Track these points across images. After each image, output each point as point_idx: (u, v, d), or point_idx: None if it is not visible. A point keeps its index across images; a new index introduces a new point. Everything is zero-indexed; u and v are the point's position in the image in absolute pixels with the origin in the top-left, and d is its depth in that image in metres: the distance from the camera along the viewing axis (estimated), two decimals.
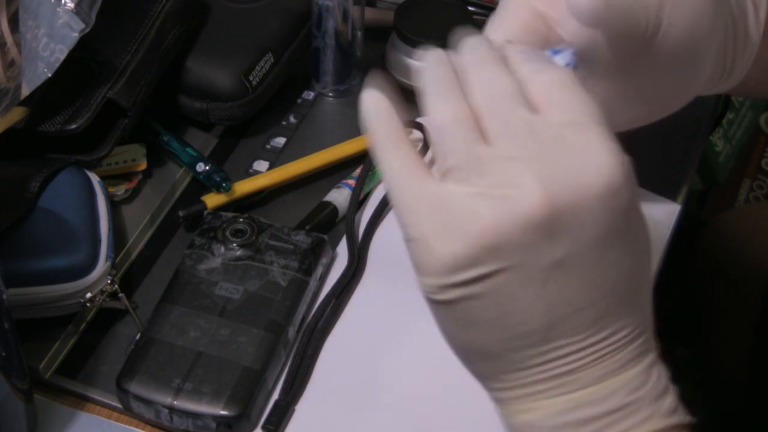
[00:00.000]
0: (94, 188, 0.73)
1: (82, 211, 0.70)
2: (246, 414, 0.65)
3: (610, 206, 0.46)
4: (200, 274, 0.70)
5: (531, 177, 0.45)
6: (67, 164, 0.73)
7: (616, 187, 0.45)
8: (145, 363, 0.66)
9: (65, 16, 0.70)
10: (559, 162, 0.45)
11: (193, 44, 0.83)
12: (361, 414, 0.67)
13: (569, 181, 0.45)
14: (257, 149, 0.83)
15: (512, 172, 0.46)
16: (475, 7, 0.90)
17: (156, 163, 0.80)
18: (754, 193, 1.61)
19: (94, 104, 0.73)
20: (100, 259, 0.69)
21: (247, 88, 0.81)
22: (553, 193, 0.45)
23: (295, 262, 0.71)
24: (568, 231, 0.46)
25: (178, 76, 0.81)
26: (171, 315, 0.68)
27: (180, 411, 0.64)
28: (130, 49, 0.76)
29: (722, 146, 1.41)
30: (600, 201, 0.45)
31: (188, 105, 0.82)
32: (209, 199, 0.77)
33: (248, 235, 0.72)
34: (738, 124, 1.46)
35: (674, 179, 0.82)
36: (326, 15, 0.83)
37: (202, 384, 0.65)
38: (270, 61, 0.83)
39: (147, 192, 0.79)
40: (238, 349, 0.67)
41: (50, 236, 0.69)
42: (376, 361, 0.69)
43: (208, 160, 0.79)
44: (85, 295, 0.68)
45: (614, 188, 0.45)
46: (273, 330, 0.68)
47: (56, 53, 0.70)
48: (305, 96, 0.88)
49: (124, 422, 0.67)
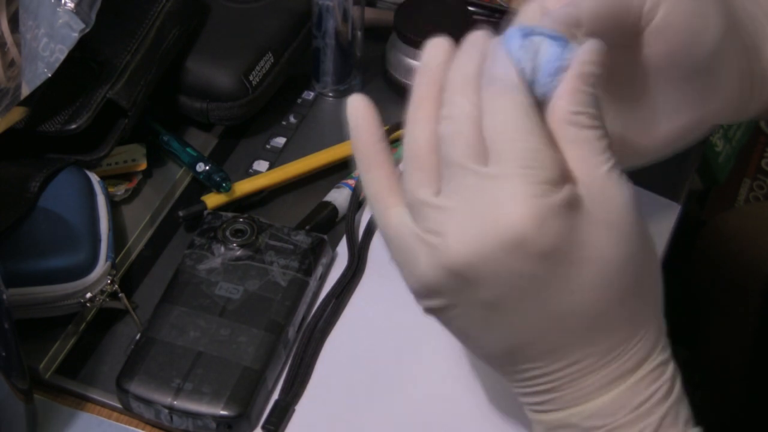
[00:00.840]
0: (94, 188, 0.73)
1: (82, 211, 0.70)
2: (246, 414, 0.65)
3: (520, 254, 0.48)
4: (200, 274, 0.70)
5: (454, 226, 0.49)
6: (67, 164, 0.73)
7: (521, 237, 0.47)
8: (145, 363, 0.66)
9: (65, 16, 0.70)
10: (480, 213, 0.48)
11: (193, 44, 0.83)
12: (361, 414, 0.67)
13: (483, 232, 0.48)
14: (257, 149, 0.83)
15: (441, 219, 0.49)
16: (475, 7, 0.90)
17: (156, 163, 0.80)
18: (754, 193, 1.61)
19: (94, 104, 0.73)
20: (100, 259, 0.69)
21: (247, 88, 0.81)
22: (468, 243, 0.48)
23: (295, 262, 0.71)
24: (485, 277, 0.48)
25: (178, 76, 0.81)
26: (171, 315, 0.68)
27: (180, 411, 0.64)
28: (130, 49, 0.76)
29: (722, 146, 1.41)
30: (506, 251, 0.48)
31: (188, 105, 0.82)
32: (209, 199, 0.77)
33: (248, 235, 0.72)
34: (738, 124, 1.46)
35: (674, 179, 0.82)
36: (326, 15, 0.83)
37: (202, 384, 0.65)
38: (270, 61, 0.83)
39: (147, 192, 0.79)
40: (238, 349, 0.67)
41: (50, 236, 0.69)
42: (376, 361, 0.69)
43: (208, 160, 0.79)
44: (85, 295, 0.68)
45: (519, 238, 0.47)
46: (273, 330, 0.68)
47: (56, 53, 0.70)
48: (305, 96, 0.88)
49: (124, 422, 0.67)
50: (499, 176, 0.48)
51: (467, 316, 0.50)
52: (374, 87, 0.88)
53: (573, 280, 0.48)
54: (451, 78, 0.51)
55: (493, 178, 0.48)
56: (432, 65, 0.52)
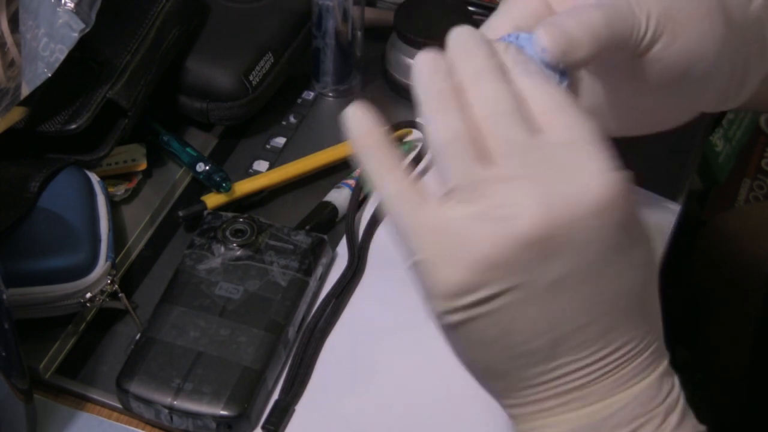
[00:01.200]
0: (94, 188, 0.73)
1: (82, 211, 0.70)
2: (246, 414, 0.65)
3: (604, 222, 0.46)
4: (200, 274, 0.70)
5: (529, 197, 0.46)
6: (67, 164, 0.73)
7: (608, 204, 0.46)
8: (145, 363, 0.66)
9: (65, 16, 0.70)
10: (555, 181, 0.46)
11: (193, 44, 0.83)
12: (361, 414, 0.66)
13: (565, 200, 0.46)
14: (257, 149, 0.83)
15: (511, 192, 0.46)
16: (475, 7, 0.90)
17: (156, 163, 0.80)
18: (754, 193, 1.61)
19: (94, 104, 0.73)
20: (100, 259, 0.69)
21: (247, 88, 0.81)
22: (550, 211, 0.46)
23: (295, 262, 0.71)
24: (566, 248, 0.46)
25: (178, 76, 0.81)
26: (171, 315, 0.68)
27: (180, 411, 0.64)
28: (130, 49, 0.76)
29: (722, 146, 1.41)
30: (594, 218, 0.46)
31: (188, 105, 0.82)
32: (209, 199, 0.77)
33: (248, 235, 0.72)
34: (738, 124, 1.46)
35: (674, 179, 0.82)
36: (326, 15, 0.83)
37: (202, 384, 0.65)
38: (270, 61, 0.83)
39: (147, 192, 0.79)
40: (238, 349, 0.67)
41: (50, 236, 0.69)
42: (376, 361, 0.69)
43: (208, 160, 0.79)
44: (85, 295, 0.68)
45: (607, 204, 0.46)
46: (273, 330, 0.68)
47: (56, 53, 0.70)
48: (305, 96, 0.88)
49: (124, 422, 0.67)
50: (571, 145, 0.47)
51: (519, 303, 0.47)
52: (374, 87, 0.88)
53: (635, 255, 0.48)
54: (476, 65, 0.50)
55: (566, 147, 0.47)
56: (439, 68, 0.50)
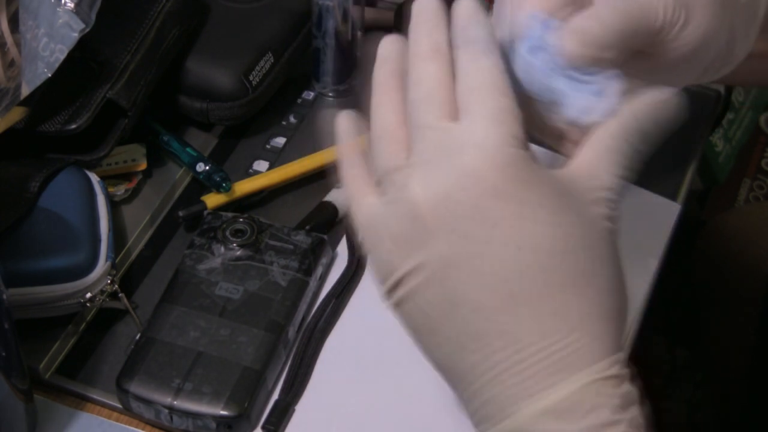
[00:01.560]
0: (94, 188, 0.73)
1: (82, 211, 0.70)
2: (246, 414, 0.65)
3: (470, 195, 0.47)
4: (200, 274, 0.70)
5: (416, 179, 0.48)
6: (67, 164, 0.73)
7: (477, 174, 0.47)
8: (145, 363, 0.66)
9: (65, 16, 0.70)
10: (441, 161, 0.48)
11: (193, 44, 0.83)
12: (361, 414, 0.66)
13: (443, 176, 0.48)
14: (257, 149, 0.83)
15: (405, 179, 0.49)
16: None
17: (156, 163, 0.80)
18: (754, 193, 1.61)
19: (94, 104, 0.73)
20: (100, 259, 0.69)
21: (247, 88, 0.81)
22: (428, 187, 0.48)
23: (295, 262, 0.71)
24: (445, 221, 0.48)
25: (178, 76, 0.81)
26: (171, 315, 0.68)
27: (180, 411, 0.64)
28: (130, 49, 0.76)
29: (722, 146, 1.41)
30: (463, 188, 0.47)
31: (188, 105, 0.82)
32: (209, 199, 0.77)
33: (248, 235, 0.72)
34: (738, 124, 1.46)
35: (674, 179, 0.82)
36: (326, 15, 0.83)
37: (202, 384, 0.65)
38: (270, 61, 0.83)
39: (147, 192, 0.79)
40: (238, 349, 0.67)
41: (50, 236, 0.69)
42: (376, 361, 0.69)
43: (208, 160, 0.79)
44: (85, 295, 0.68)
45: (476, 174, 0.47)
46: (273, 330, 0.68)
47: (56, 53, 0.70)
48: (305, 96, 0.88)
49: (124, 422, 0.67)
50: (470, 125, 0.48)
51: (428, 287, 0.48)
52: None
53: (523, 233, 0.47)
54: (417, 47, 0.51)
55: (461, 130, 0.48)
56: (390, 57, 0.52)
